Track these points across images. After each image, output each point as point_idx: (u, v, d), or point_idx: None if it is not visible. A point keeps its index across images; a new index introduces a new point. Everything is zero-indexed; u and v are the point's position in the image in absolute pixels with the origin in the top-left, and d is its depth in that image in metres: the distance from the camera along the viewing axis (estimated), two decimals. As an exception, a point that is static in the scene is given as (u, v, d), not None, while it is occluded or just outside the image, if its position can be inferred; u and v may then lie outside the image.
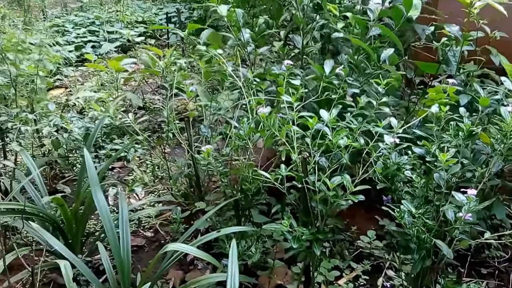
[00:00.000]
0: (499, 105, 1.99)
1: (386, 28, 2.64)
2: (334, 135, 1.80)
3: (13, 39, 2.82)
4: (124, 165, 3.75)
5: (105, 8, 7.06)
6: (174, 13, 7.28)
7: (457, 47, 2.64)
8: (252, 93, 2.45)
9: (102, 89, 4.89)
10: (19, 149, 2.47)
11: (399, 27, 2.70)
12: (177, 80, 3.01)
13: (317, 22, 3.01)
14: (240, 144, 2.21)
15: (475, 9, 2.45)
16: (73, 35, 6.13)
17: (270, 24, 3.86)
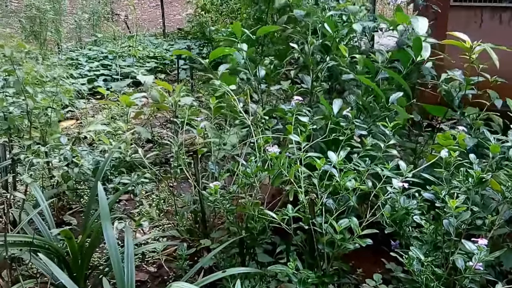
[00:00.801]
0: (508, 150, 2.00)
1: (394, 73, 2.70)
2: (342, 177, 1.82)
3: (32, 73, 2.91)
4: (130, 198, 3.77)
5: (118, 43, 7.25)
6: (184, 49, 7.46)
7: (460, 91, 2.69)
8: (260, 131, 2.49)
9: (112, 122, 4.97)
10: (29, 181, 2.50)
11: (407, 70, 2.76)
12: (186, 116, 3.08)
13: (327, 63, 3.08)
14: (247, 182, 2.23)
15: (474, 54, 2.51)
16: (86, 68, 6.29)
17: (276, 64, 3.97)
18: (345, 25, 3.19)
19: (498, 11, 4.19)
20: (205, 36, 7.03)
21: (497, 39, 3.92)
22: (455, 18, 4.23)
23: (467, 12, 4.29)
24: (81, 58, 6.59)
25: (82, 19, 7.61)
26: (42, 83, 2.99)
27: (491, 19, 4.24)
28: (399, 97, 2.54)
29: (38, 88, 2.90)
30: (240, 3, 5.63)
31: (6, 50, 2.75)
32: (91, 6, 7.58)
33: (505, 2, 4.18)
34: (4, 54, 2.84)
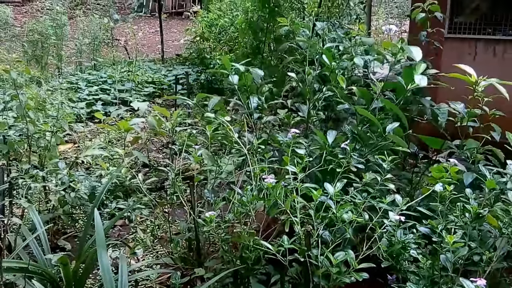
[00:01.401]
0: (505, 185, 2.01)
1: (391, 103, 2.74)
2: (338, 209, 1.83)
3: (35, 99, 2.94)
4: (125, 223, 3.74)
5: (118, 68, 7.34)
6: (182, 75, 7.55)
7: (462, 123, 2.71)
8: (256, 160, 2.51)
9: (109, 146, 4.98)
10: (27, 206, 2.50)
11: (404, 100, 2.80)
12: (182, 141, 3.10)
13: (323, 93, 3.12)
14: (243, 210, 2.23)
15: (480, 88, 2.54)
16: (86, 92, 6.34)
17: (274, 92, 4.02)
18: (345, 58, 3.25)
19: (491, 43, 4.27)
20: (203, 62, 7.13)
21: (491, 71, 3.98)
22: (450, 50, 4.31)
23: (461, 44, 4.37)
24: (80, 82, 6.65)
25: (83, 44, 7.72)
26: (43, 108, 3.01)
27: (485, 51, 4.32)
28: (395, 127, 2.57)
29: (39, 113, 2.92)
30: (238, 32, 5.74)
31: (12, 74, 2.78)
32: (92, 32, 7.69)
33: (499, 34, 4.27)
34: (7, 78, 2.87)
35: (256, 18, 5.08)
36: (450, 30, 4.36)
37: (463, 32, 4.36)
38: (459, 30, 4.36)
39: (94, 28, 7.66)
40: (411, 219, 1.93)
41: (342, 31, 5.51)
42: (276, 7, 4.94)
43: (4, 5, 8.96)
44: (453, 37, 4.37)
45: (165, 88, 7.42)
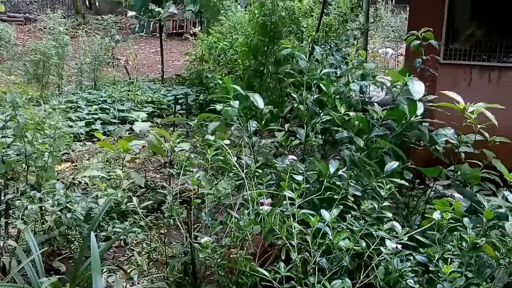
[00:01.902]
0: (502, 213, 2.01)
1: (387, 141, 2.76)
2: (335, 236, 1.83)
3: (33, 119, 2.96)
4: (120, 244, 3.72)
5: (118, 87, 7.40)
6: (181, 95, 7.61)
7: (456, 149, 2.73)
8: (253, 184, 2.52)
9: (107, 165, 4.98)
10: (23, 228, 2.49)
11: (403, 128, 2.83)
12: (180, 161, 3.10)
13: (321, 118, 3.16)
14: (239, 235, 2.23)
15: (472, 114, 2.55)
16: (85, 111, 6.38)
17: (275, 113, 4.06)
18: (342, 83, 3.30)
19: (486, 70, 4.32)
20: (202, 83, 7.20)
21: (487, 97, 4.03)
22: (445, 76, 4.36)
23: (456, 70, 4.43)
24: (80, 102, 6.70)
25: (84, 63, 7.80)
26: (42, 128, 3.03)
27: (480, 77, 4.37)
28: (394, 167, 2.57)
29: (38, 133, 2.94)
30: (237, 55, 5.82)
31: (8, 96, 2.81)
32: (93, 52, 7.78)
33: (493, 61, 4.33)
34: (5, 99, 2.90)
35: (255, 41, 5.15)
36: (445, 56, 4.42)
37: (458, 58, 4.41)
38: (454, 56, 4.42)
39: (95, 47, 7.75)
40: (408, 246, 1.93)
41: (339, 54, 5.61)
42: (275, 31, 5.02)
43: (7, 24, 9.08)
44: (448, 63, 4.42)
45: (164, 108, 7.47)
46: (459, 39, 4.49)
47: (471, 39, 4.44)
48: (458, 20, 4.54)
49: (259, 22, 5.04)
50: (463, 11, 4.63)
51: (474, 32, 4.44)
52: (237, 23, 6.41)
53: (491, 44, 4.32)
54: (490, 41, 4.32)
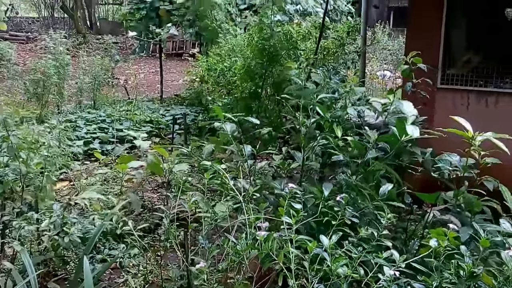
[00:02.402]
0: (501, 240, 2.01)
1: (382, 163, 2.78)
2: (333, 262, 1.83)
3: (28, 138, 2.97)
4: (116, 266, 3.69)
5: (117, 107, 7.44)
6: (180, 115, 7.65)
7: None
8: (250, 207, 2.52)
9: (105, 185, 4.97)
10: (20, 249, 2.48)
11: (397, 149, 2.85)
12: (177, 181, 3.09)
13: (318, 142, 3.18)
14: (237, 259, 2.22)
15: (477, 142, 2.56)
16: (84, 130, 6.39)
17: (273, 135, 4.09)
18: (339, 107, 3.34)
19: (484, 95, 4.36)
20: (201, 103, 7.25)
21: (484, 122, 4.07)
22: (443, 100, 4.41)
23: (454, 94, 4.47)
24: (79, 121, 6.73)
25: (83, 83, 7.86)
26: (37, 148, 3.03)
27: (477, 102, 4.40)
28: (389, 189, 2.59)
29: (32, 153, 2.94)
30: (236, 77, 5.89)
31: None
32: (93, 72, 7.85)
33: (490, 86, 4.37)
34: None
35: (254, 64, 5.22)
36: (442, 81, 4.47)
37: (455, 83, 4.45)
38: (451, 81, 4.46)
39: (95, 67, 7.82)
40: (406, 273, 1.92)
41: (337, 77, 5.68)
42: (273, 54, 5.09)
43: (8, 43, 9.18)
44: (445, 87, 4.47)
45: (162, 128, 7.50)
46: (456, 65, 4.54)
47: (468, 65, 4.50)
48: (454, 46, 4.61)
49: (258, 46, 5.12)
50: (459, 37, 4.71)
51: (471, 58, 4.51)
52: (236, 45, 6.51)
53: (488, 70, 4.37)
54: (487, 67, 4.38)
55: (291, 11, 8.78)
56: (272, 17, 5.24)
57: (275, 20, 5.83)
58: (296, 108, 4.85)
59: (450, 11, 4.40)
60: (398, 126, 2.76)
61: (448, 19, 4.41)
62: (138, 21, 8.92)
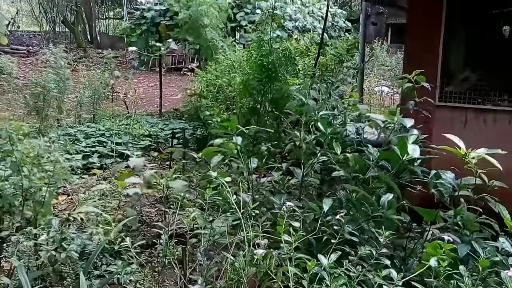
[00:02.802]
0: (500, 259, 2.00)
1: (385, 176, 2.79)
2: (332, 281, 1.82)
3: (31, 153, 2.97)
4: (114, 282, 3.66)
5: (116, 121, 7.46)
6: (179, 129, 7.67)
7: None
8: (250, 224, 2.51)
9: (103, 199, 4.96)
10: (17, 264, 2.46)
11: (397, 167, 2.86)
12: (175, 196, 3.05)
13: (318, 159, 3.19)
14: (235, 277, 2.21)
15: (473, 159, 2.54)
16: (83, 144, 6.40)
17: (272, 152, 4.09)
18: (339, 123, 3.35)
19: (481, 112, 4.37)
20: (199, 118, 7.27)
21: (482, 140, 4.07)
22: (441, 117, 4.42)
23: (451, 112, 4.48)
24: (78, 134, 6.73)
25: (83, 96, 7.89)
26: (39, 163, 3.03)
27: (475, 120, 4.40)
28: (389, 199, 2.60)
29: (35, 168, 2.95)
30: (235, 92, 5.92)
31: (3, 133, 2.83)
32: (92, 86, 7.89)
33: (488, 104, 4.39)
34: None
35: (253, 80, 5.26)
36: (440, 98, 4.49)
37: (453, 101, 4.47)
38: (449, 99, 4.48)
39: (95, 82, 7.87)
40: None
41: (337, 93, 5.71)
42: (272, 70, 5.13)
43: (9, 56, 9.23)
44: (443, 105, 4.48)
45: (161, 142, 7.51)
46: (454, 82, 4.57)
47: (465, 83, 4.53)
48: (452, 64, 4.65)
49: (257, 62, 5.16)
50: (457, 55, 4.75)
51: (468, 76, 4.54)
52: (236, 61, 6.56)
53: (485, 88, 4.40)
54: (484, 85, 4.41)
55: (289, 27, 8.88)
56: (271, 33, 5.29)
57: (274, 36, 5.90)
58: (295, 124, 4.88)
59: (447, 30, 4.44)
60: (400, 145, 2.77)
61: (446, 37, 4.46)
62: (139, 35, 9.01)
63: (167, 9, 8.65)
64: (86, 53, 18.21)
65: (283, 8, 8.79)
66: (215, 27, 7.61)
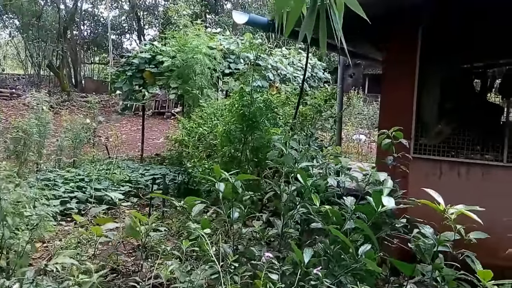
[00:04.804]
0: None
1: (363, 223, 2.85)
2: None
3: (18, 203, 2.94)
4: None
5: (96, 166, 7.41)
6: (159, 175, 7.64)
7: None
8: (229, 278, 2.51)
9: (79, 248, 4.84)
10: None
11: (375, 220, 2.92)
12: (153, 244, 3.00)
13: (298, 210, 3.24)
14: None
15: (452, 214, 2.60)
16: (62, 189, 6.31)
17: (255, 200, 4.13)
18: (319, 175, 3.43)
19: (455, 165, 4.49)
20: (181, 164, 7.28)
21: (456, 191, 4.20)
22: (416, 169, 4.52)
23: (426, 164, 4.59)
24: (58, 179, 6.65)
25: (64, 140, 7.86)
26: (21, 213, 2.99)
27: (449, 172, 4.52)
28: (367, 250, 2.65)
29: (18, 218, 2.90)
30: (216, 140, 6.00)
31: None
32: (74, 130, 7.89)
33: (461, 157, 4.54)
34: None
35: (234, 129, 5.36)
36: (415, 151, 4.63)
37: (428, 153, 4.61)
38: (424, 151, 4.63)
39: (77, 126, 7.87)
40: None
41: (316, 143, 5.85)
42: (253, 120, 5.26)
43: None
44: (418, 157, 4.60)
45: (141, 188, 7.45)
46: (428, 135, 4.72)
47: (439, 136, 4.68)
48: (426, 117, 4.82)
49: (238, 111, 5.29)
50: (431, 108, 4.94)
51: (442, 130, 4.71)
52: (217, 109, 6.70)
53: (459, 141, 4.56)
54: (457, 138, 4.57)
55: (271, 77, 9.16)
56: (252, 84, 5.46)
57: (256, 85, 6.07)
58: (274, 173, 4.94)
59: (421, 84, 4.64)
60: (375, 197, 2.86)
61: (420, 91, 4.65)
62: (123, 81, 9.13)
63: (153, 57, 8.86)
64: (70, 96, 18.24)
65: (265, 60, 9.10)
66: (206, 75, 7.80)
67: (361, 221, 2.89)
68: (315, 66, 11.51)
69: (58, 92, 19.30)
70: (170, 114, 17.41)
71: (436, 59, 4.68)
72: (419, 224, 2.86)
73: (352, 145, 12.57)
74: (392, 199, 2.95)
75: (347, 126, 13.33)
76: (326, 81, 11.63)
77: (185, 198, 3.13)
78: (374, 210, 2.89)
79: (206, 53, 7.81)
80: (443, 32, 4.84)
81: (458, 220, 2.64)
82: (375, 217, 2.92)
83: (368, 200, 2.97)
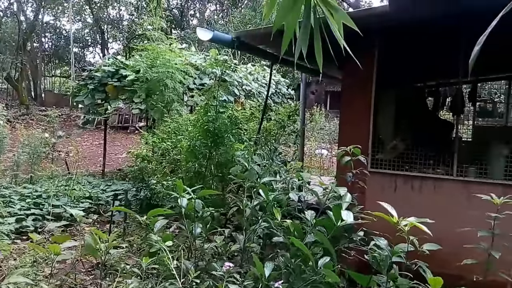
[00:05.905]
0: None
1: (323, 236, 2.94)
2: None
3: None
4: None
5: (55, 182, 7.21)
6: (121, 191, 7.51)
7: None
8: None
9: (35, 267, 4.69)
10: None
11: (334, 234, 3.02)
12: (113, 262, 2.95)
13: (260, 225, 3.30)
14: None
15: (405, 226, 2.72)
16: (17, 207, 6.09)
17: (215, 216, 4.14)
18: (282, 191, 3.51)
19: (409, 178, 4.71)
20: (144, 179, 7.20)
21: (410, 204, 4.40)
22: (373, 182, 4.69)
23: (382, 177, 4.79)
24: (14, 196, 6.42)
25: (21, 155, 7.61)
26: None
27: (404, 185, 4.73)
28: (326, 262, 2.73)
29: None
30: (180, 155, 6.00)
31: None
32: (32, 145, 7.66)
33: (415, 171, 4.76)
34: None
35: (199, 144, 5.39)
36: (372, 165, 4.82)
37: (384, 167, 4.81)
38: (380, 166, 4.83)
39: (34, 141, 7.65)
40: None
41: (279, 158, 5.95)
42: (218, 135, 5.31)
43: None
44: (375, 171, 4.79)
45: (102, 204, 7.30)
46: (384, 150, 4.94)
47: (393, 152, 4.91)
48: (382, 133, 5.05)
49: (203, 127, 5.33)
50: (386, 125, 5.18)
51: (396, 145, 4.93)
52: (182, 124, 6.69)
53: (412, 157, 4.79)
54: (411, 153, 4.80)
55: (236, 93, 9.25)
56: (218, 99, 5.52)
57: (222, 100, 6.13)
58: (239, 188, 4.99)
59: (377, 100, 4.86)
60: (335, 212, 2.96)
61: (376, 107, 4.87)
62: (85, 94, 8.96)
63: (116, 70, 8.76)
64: (29, 110, 17.66)
65: (230, 75, 9.19)
66: (177, 90, 7.76)
67: (321, 235, 2.98)
68: (279, 82, 11.72)
69: (17, 105, 18.66)
70: (134, 128, 17.17)
71: (390, 79, 4.91)
72: (374, 237, 2.97)
73: (314, 160, 12.80)
74: (351, 213, 3.06)
75: (309, 141, 13.59)
76: (290, 97, 11.85)
77: (148, 212, 3.12)
78: (333, 224, 2.99)
79: (178, 68, 7.80)
80: (397, 54, 5.10)
81: (412, 231, 2.77)
82: (334, 231, 3.01)
83: (328, 214, 3.06)
